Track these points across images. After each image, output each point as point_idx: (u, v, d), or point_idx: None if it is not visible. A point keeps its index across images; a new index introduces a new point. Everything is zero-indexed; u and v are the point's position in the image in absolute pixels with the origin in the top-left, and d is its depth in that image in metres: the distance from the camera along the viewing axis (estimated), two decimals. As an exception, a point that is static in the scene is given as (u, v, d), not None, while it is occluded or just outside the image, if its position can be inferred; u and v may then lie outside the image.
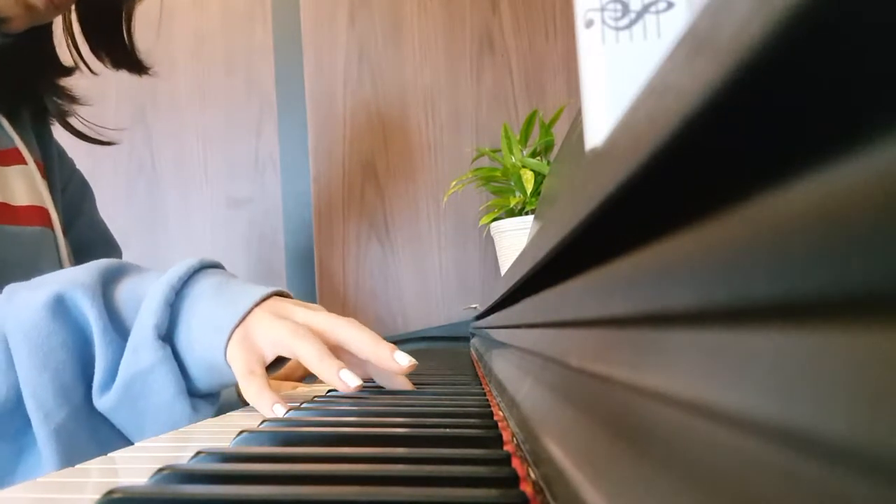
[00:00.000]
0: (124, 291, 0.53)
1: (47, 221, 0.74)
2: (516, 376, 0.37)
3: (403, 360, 0.50)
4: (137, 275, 0.55)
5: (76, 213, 0.85)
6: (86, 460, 0.34)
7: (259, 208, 1.36)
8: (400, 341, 1.24)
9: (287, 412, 0.43)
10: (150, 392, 0.50)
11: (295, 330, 0.49)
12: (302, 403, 0.45)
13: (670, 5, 0.22)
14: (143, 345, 0.50)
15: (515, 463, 0.26)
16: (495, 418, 0.36)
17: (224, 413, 0.53)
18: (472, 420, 0.36)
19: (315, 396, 0.51)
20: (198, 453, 0.28)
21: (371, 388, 0.52)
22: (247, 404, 0.50)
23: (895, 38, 0.07)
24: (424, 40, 1.34)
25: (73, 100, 0.81)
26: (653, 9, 0.22)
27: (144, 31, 0.83)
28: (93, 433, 0.52)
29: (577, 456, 0.18)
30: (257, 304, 0.51)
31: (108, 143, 0.87)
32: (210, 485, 0.24)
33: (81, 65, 0.80)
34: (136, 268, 0.57)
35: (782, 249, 0.09)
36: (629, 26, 0.22)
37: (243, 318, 0.50)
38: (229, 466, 0.26)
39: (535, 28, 1.32)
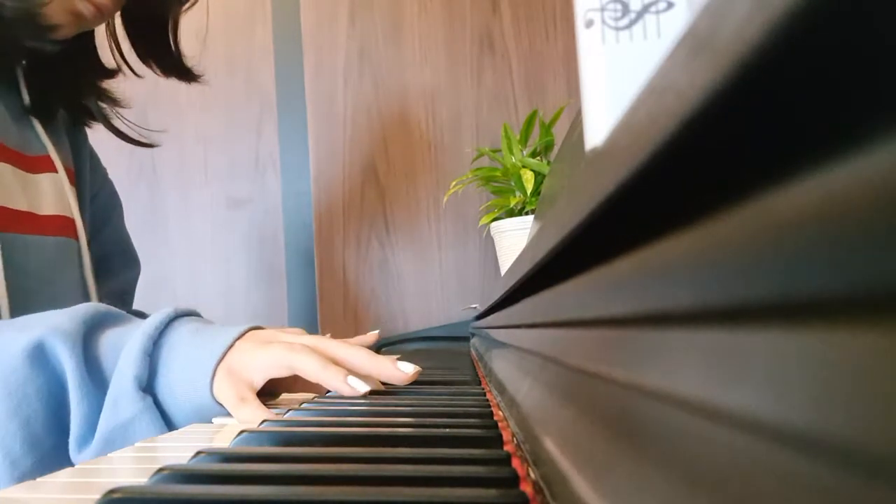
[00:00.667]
0: (106, 342, 0.53)
1: (72, 232, 0.74)
2: (516, 376, 0.37)
3: (408, 369, 0.50)
4: (121, 324, 0.55)
5: (103, 223, 0.85)
6: None
7: (259, 208, 1.36)
8: (400, 341, 1.24)
9: (287, 412, 0.43)
10: (131, 444, 0.49)
11: (289, 347, 0.49)
12: (302, 403, 0.45)
13: (670, 5, 0.22)
14: (123, 397, 0.49)
15: (515, 463, 0.26)
16: (495, 418, 0.36)
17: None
18: (472, 420, 0.36)
19: (315, 397, 0.51)
20: (198, 453, 0.28)
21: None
22: None
23: (895, 37, 0.07)
24: (424, 40, 1.34)
25: (115, 102, 0.81)
26: (653, 9, 0.22)
27: (191, 40, 0.83)
28: None
29: (577, 456, 0.18)
30: (237, 339, 0.51)
31: (150, 145, 0.87)
32: (210, 485, 0.24)
33: (125, 68, 0.81)
34: (122, 316, 0.56)
35: (782, 249, 0.09)
36: (629, 26, 0.22)
37: (224, 355, 0.50)
38: (229, 466, 0.26)
39: (535, 28, 1.32)
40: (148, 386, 0.50)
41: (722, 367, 0.11)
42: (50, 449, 0.51)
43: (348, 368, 0.50)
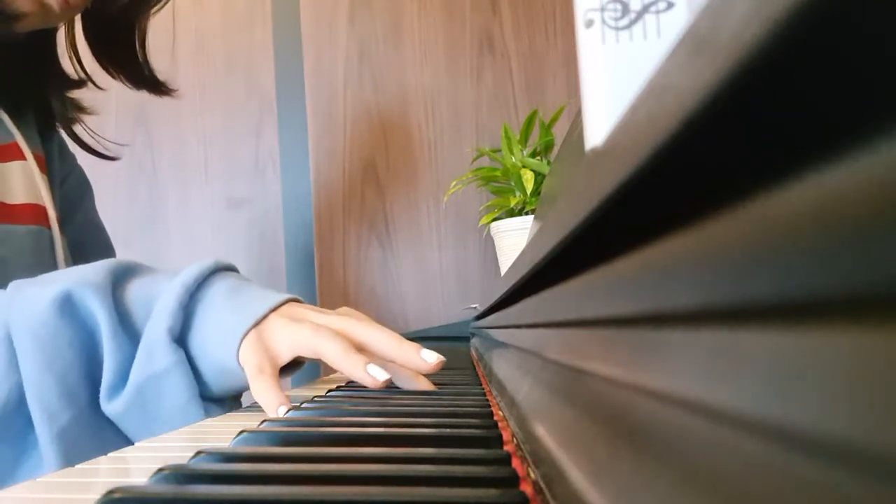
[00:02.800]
0: (134, 292, 0.52)
1: (44, 220, 0.73)
2: (516, 376, 0.37)
3: (431, 358, 0.50)
4: (148, 275, 0.54)
5: (73, 210, 0.84)
6: None
7: (259, 208, 1.36)
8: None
9: (287, 412, 0.43)
10: (162, 396, 0.49)
11: (316, 329, 0.49)
12: (302, 403, 0.45)
13: (670, 5, 0.22)
14: (156, 348, 0.49)
15: (515, 463, 0.26)
16: (495, 418, 0.36)
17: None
18: (472, 420, 0.36)
19: (315, 396, 0.51)
20: (198, 453, 0.28)
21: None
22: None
23: (894, 37, 0.07)
24: (424, 40, 1.34)
25: (79, 109, 0.80)
26: (653, 9, 0.22)
27: (159, 55, 0.81)
28: (96, 437, 0.51)
29: (577, 456, 0.18)
30: (272, 311, 0.50)
31: (112, 158, 0.86)
32: (210, 485, 0.24)
33: (87, 80, 0.79)
34: (147, 268, 0.56)
35: (783, 249, 0.09)
36: (629, 26, 0.22)
37: (257, 323, 0.49)
38: (229, 466, 0.26)
39: (535, 28, 1.32)
40: (180, 339, 0.50)
41: (722, 367, 0.11)
42: (86, 403, 0.50)
43: (372, 352, 0.50)
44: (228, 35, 1.37)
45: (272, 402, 0.46)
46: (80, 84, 0.79)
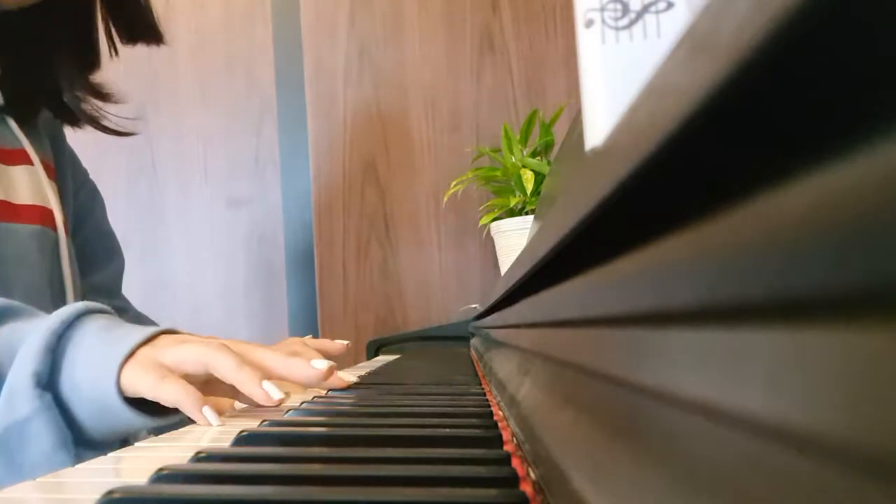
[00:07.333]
0: (2, 337, 0.50)
1: (49, 221, 0.73)
2: (516, 376, 0.37)
3: (321, 365, 0.49)
4: (23, 319, 0.51)
5: (84, 220, 0.85)
6: None
7: (259, 208, 1.36)
8: (400, 341, 1.24)
9: (287, 412, 0.43)
10: (27, 444, 0.46)
11: (206, 343, 0.47)
12: (302, 403, 0.45)
13: (670, 5, 0.22)
14: (19, 394, 0.46)
15: (515, 463, 0.26)
16: (495, 418, 0.36)
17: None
18: (472, 420, 0.36)
19: (315, 396, 0.51)
20: (198, 453, 0.28)
21: (370, 387, 0.51)
22: None
23: (893, 37, 0.07)
24: (424, 40, 1.34)
25: (104, 97, 0.79)
26: (653, 9, 0.22)
27: (159, 52, 0.81)
28: None
29: (577, 456, 0.18)
30: (150, 338, 0.48)
31: (129, 134, 0.85)
32: (210, 485, 0.24)
33: (110, 48, 0.78)
34: (27, 311, 0.53)
35: (782, 249, 0.09)
36: (629, 26, 0.22)
37: (133, 351, 0.46)
38: (229, 466, 0.26)
39: (535, 28, 1.32)
40: (50, 383, 0.47)
41: (721, 367, 0.11)
42: None
43: (263, 369, 0.47)
44: (228, 35, 1.37)
45: (193, 402, 0.42)
46: (93, 62, 0.77)
